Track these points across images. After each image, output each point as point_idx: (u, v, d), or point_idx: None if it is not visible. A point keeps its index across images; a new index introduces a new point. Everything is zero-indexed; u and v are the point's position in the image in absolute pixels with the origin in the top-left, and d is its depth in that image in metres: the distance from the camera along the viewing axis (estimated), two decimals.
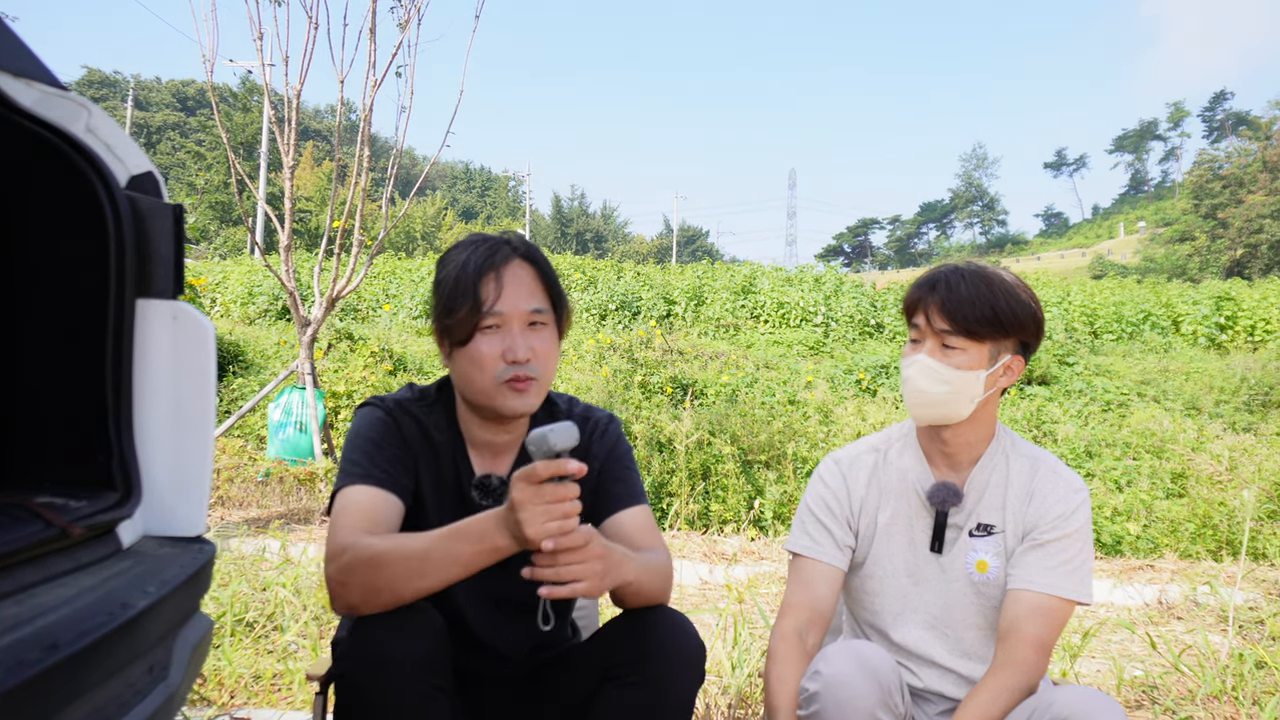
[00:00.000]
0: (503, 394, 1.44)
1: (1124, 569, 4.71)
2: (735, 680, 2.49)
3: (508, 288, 1.44)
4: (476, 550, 1.26)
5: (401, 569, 1.26)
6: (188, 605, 1.14)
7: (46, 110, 1.09)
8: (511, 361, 1.43)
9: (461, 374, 1.47)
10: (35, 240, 1.18)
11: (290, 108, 6.02)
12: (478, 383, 1.44)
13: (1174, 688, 2.68)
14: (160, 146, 66.00)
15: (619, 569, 1.30)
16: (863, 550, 1.68)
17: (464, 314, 1.42)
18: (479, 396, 1.46)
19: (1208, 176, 49.83)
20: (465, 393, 1.49)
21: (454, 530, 1.27)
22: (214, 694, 2.41)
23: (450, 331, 1.44)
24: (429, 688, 1.27)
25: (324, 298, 6.19)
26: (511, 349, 1.43)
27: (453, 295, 1.43)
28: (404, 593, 1.27)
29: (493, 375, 1.43)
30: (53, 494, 1.12)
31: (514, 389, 1.44)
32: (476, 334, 1.43)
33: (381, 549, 1.28)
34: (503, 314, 1.43)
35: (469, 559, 1.26)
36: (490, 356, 1.43)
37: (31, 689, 0.76)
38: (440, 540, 1.27)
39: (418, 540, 1.28)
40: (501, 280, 1.44)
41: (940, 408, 1.55)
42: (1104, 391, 9.28)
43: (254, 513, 5.32)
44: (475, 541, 1.25)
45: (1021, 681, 1.44)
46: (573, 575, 1.23)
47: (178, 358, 1.22)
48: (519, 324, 1.44)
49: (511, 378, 1.43)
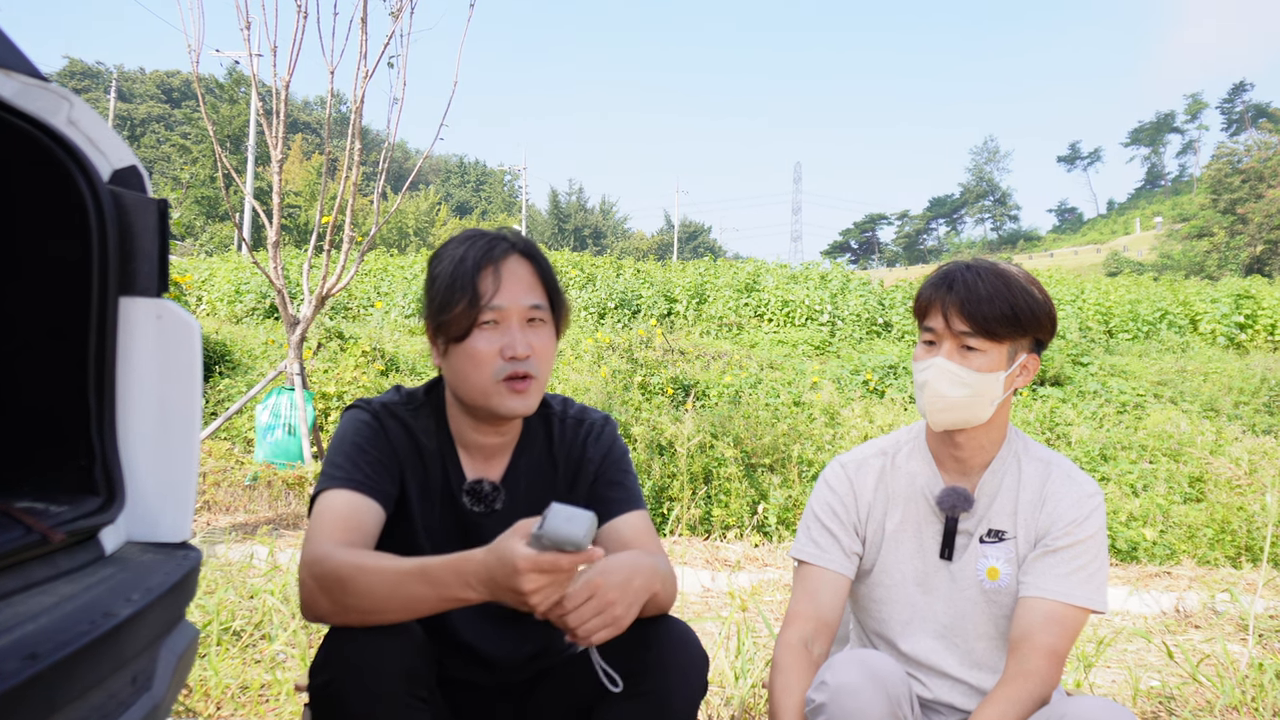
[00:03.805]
0: (500, 393, 1.43)
1: (1140, 576, 4.71)
2: (738, 691, 2.49)
3: (506, 282, 1.43)
4: (442, 598, 1.24)
5: (366, 598, 1.26)
6: (172, 613, 1.14)
7: (26, 102, 1.08)
8: (510, 358, 1.42)
9: (457, 372, 1.46)
10: (14, 236, 1.18)
11: (278, 99, 6.02)
12: (475, 381, 1.43)
13: (1192, 699, 2.68)
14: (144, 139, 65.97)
15: (632, 593, 1.28)
16: (870, 557, 1.67)
17: (461, 308, 1.41)
18: (476, 396, 1.45)
19: (1226, 170, 49.82)
20: (460, 392, 1.48)
21: (423, 571, 1.24)
22: (200, 705, 2.41)
23: (446, 327, 1.43)
24: (410, 698, 1.27)
25: (313, 296, 6.19)
26: (510, 345, 1.42)
27: (449, 289, 1.42)
28: (369, 619, 1.27)
29: (490, 373, 1.42)
30: (33, 498, 1.12)
31: (512, 389, 1.43)
32: (474, 330, 1.42)
33: (350, 572, 1.26)
34: (502, 309, 1.42)
35: (434, 604, 1.25)
36: (488, 353, 1.42)
37: (10, 701, 0.75)
38: (408, 579, 1.24)
39: (386, 572, 1.26)
40: (500, 274, 1.43)
41: (960, 412, 1.54)
42: (1119, 393, 9.28)
43: (241, 518, 5.32)
44: (442, 589, 1.23)
45: (1034, 692, 1.44)
46: (589, 631, 1.21)
47: (162, 358, 1.22)
48: (518, 320, 1.44)
49: (510, 375, 1.42)
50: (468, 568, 1.21)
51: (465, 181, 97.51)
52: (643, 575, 1.31)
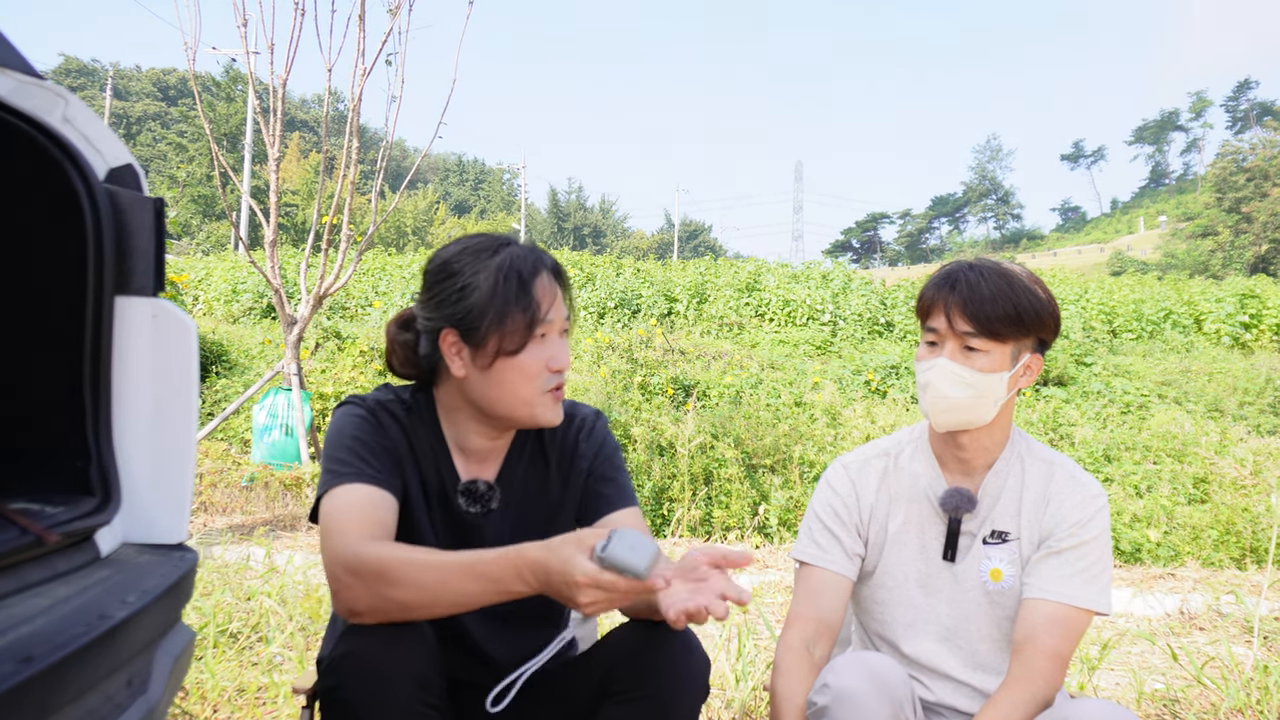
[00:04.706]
0: (545, 404, 1.45)
1: (1144, 578, 4.71)
2: (739, 694, 2.49)
3: (549, 294, 1.45)
4: (496, 591, 1.23)
5: (414, 591, 1.24)
6: (169, 616, 1.14)
7: (21, 100, 1.08)
8: (556, 370, 1.45)
9: (500, 384, 1.44)
10: (9, 236, 1.18)
11: (276, 97, 6.02)
12: (522, 394, 1.44)
13: (1196, 701, 2.68)
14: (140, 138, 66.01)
15: None
16: (872, 559, 1.67)
17: (522, 323, 1.41)
18: (518, 407, 1.45)
19: (1231, 169, 49.84)
20: (497, 405, 1.46)
21: (472, 565, 1.23)
22: (196, 708, 2.41)
23: (502, 341, 1.41)
24: (422, 705, 1.26)
25: (311, 295, 6.19)
26: (556, 357, 1.45)
27: (505, 303, 1.41)
28: (411, 614, 1.26)
29: (539, 385, 1.44)
30: (28, 499, 1.12)
31: (556, 399, 1.47)
32: (530, 343, 1.42)
33: (397, 565, 1.25)
34: (552, 322, 1.45)
35: (485, 598, 1.24)
36: (538, 365, 1.43)
37: (4, 704, 0.75)
38: (457, 572, 1.23)
39: (434, 566, 1.25)
40: (547, 287, 1.45)
41: (963, 413, 1.54)
42: (1123, 393, 9.28)
43: (238, 519, 5.32)
44: (496, 583, 1.22)
45: (1037, 694, 1.44)
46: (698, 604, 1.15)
47: (158, 357, 1.22)
48: (559, 331, 1.47)
49: (555, 386, 1.45)
50: (523, 562, 1.20)
51: (464, 180, 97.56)
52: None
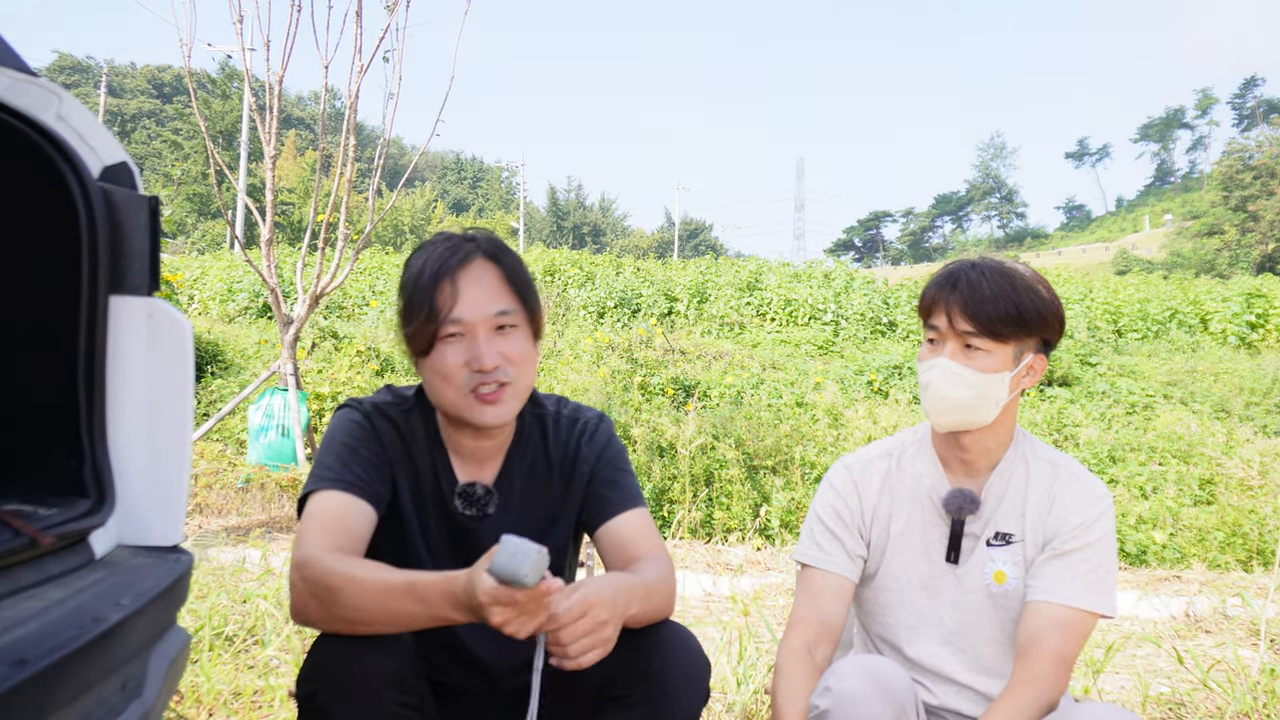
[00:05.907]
0: (470, 405, 1.43)
1: (1149, 580, 4.71)
2: (740, 697, 2.49)
3: (467, 292, 1.42)
4: (431, 616, 1.24)
5: (355, 610, 1.26)
6: (164, 618, 1.14)
7: (15, 97, 1.08)
8: (477, 370, 1.41)
9: (429, 385, 1.47)
10: (2, 234, 1.18)
11: (272, 94, 6.02)
12: (446, 394, 1.44)
13: (1202, 705, 2.68)
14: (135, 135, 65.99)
15: (620, 615, 1.28)
16: (875, 561, 1.67)
17: (420, 323, 1.41)
18: (449, 408, 1.46)
19: (1238, 167, 49.84)
20: (436, 404, 1.49)
21: (411, 588, 1.24)
22: (191, 712, 2.41)
23: (410, 341, 1.44)
24: (398, 705, 1.27)
25: (307, 294, 6.19)
26: (476, 357, 1.41)
27: (409, 303, 1.42)
28: (357, 629, 1.27)
29: (459, 386, 1.42)
30: (21, 501, 1.12)
31: (482, 400, 1.42)
32: (438, 343, 1.41)
33: (340, 582, 1.26)
34: (464, 321, 1.41)
35: (422, 621, 1.25)
36: (454, 366, 1.41)
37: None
38: (397, 594, 1.25)
39: (376, 585, 1.26)
40: (458, 285, 1.41)
41: (964, 413, 1.54)
42: (1128, 393, 9.28)
43: (234, 521, 5.32)
44: (431, 607, 1.24)
45: (1041, 698, 1.44)
46: (580, 650, 1.21)
47: (153, 357, 1.22)
48: (484, 330, 1.42)
49: (478, 386, 1.41)
50: (454, 588, 1.21)
51: (462, 178, 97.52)
52: (635, 598, 1.32)
